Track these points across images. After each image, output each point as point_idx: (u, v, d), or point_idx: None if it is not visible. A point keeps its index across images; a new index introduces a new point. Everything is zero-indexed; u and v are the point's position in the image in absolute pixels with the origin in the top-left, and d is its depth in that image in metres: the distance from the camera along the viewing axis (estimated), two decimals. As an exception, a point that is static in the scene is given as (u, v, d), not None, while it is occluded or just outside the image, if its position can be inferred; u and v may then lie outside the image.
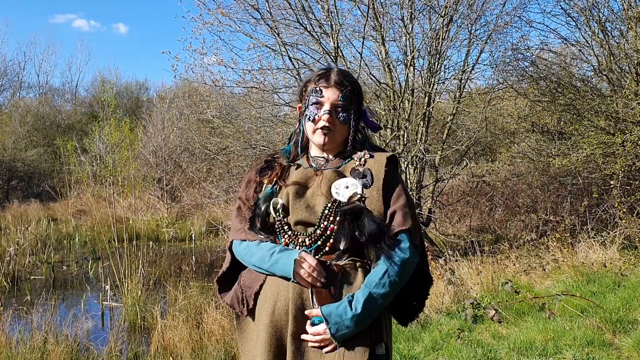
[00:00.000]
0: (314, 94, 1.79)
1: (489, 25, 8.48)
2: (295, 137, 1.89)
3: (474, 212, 10.05)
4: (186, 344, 4.66)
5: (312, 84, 1.81)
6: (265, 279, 1.75)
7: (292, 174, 1.80)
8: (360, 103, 1.85)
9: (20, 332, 4.88)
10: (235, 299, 1.80)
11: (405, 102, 7.88)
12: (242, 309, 1.78)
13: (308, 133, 1.81)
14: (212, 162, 11.97)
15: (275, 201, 1.75)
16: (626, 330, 4.33)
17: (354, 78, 1.87)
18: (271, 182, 1.81)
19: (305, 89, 1.85)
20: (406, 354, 4.07)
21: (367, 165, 1.76)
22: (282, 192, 1.77)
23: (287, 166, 1.83)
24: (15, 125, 21.98)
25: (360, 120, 1.85)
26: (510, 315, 4.83)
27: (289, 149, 1.88)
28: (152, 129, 16.72)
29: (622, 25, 8.18)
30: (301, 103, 1.86)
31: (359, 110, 1.83)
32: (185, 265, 8.42)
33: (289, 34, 7.82)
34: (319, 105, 1.78)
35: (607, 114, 7.80)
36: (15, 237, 10.46)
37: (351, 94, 1.79)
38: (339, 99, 1.77)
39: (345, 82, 1.80)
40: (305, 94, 1.83)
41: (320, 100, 1.78)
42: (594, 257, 6.52)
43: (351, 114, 1.79)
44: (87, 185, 17.66)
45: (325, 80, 1.79)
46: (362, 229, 1.64)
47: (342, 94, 1.77)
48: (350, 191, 1.71)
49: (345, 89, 1.78)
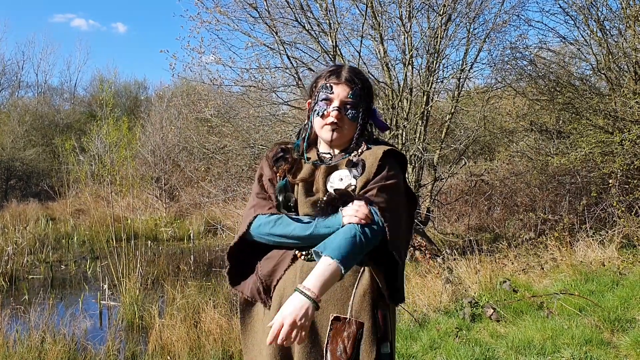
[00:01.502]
0: (324, 90, 1.78)
1: (488, 24, 8.50)
2: (304, 132, 1.89)
3: (473, 211, 10.05)
4: (184, 343, 4.65)
5: (323, 80, 1.81)
6: (286, 270, 1.72)
7: (301, 168, 1.80)
8: (371, 101, 1.84)
9: (18, 332, 4.86)
10: (256, 290, 1.77)
11: (404, 101, 7.87)
12: (265, 298, 1.75)
13: (316, 128, 1.82)
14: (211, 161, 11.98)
15: (289, 196, 1.76)
16: (624, 328, 4.33)
17: (365, 76, 1.86)
18: (282, 175, 1.81)
19: (315, 85, 1.84)
20: (404, 352, 4.07)
21: (363, 156, 1.75)
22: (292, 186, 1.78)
23: (297, 160, 1.83)
24: (14, 125, 21.95)
25: (369, 119, 1.84)
26: (509, 314, 4.83)
27: (299, 144, 1.88)
28: (150, 128, 16.71)
29: (620, 24, 8.18)
30: (311, 98, 1.85)
31: (369, 108, 1.83)
32: (183, 265, 8.40)
33: (287, 32, 7.82)
34: (329, 102, 1.77)
35: (606, 112, 7.80)
36: (14, 237, 10.44)
37: (361, 92, 1.79)
38: (348, 96, 1.77)
39: (356, 79, 1.79)
40: (316, 89, 1.82)
41: (330, 97, 1.77)
42: (592, 256, 6.52)
43: (360, 112, 1.79)
44: (85, 184, 17.64)
45: (336, 77, 1.79)
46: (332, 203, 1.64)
47: (352, 91, 1.77)
48: (344, 183, 1.72)
49: (356, 86, 1.78)
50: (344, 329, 1.62)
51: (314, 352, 1.64)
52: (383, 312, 1.70)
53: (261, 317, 1.77)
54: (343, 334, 1.61)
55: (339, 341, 1.61)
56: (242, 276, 1.84)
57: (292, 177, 1.78)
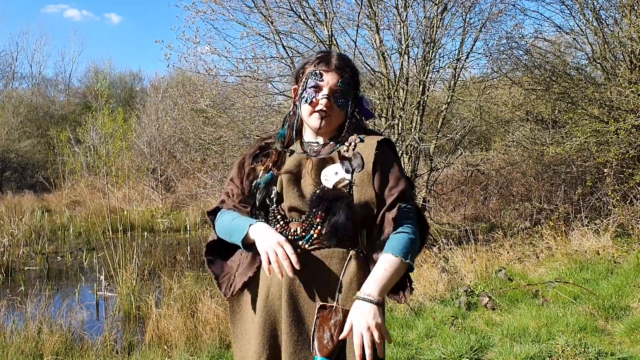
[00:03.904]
0: (313, 77, 1.76)
1: (484, 13, 8.48)
2: (290, 119, 1.87)
3: (469, 201, 10.08)
4: (181, 333, 4.66)
5: (312, 66, 1.78)
6: (258, 268, 1.74)
7: (286, 160, 1.78)
8: (357, 89, 1.83)
9: (14, 322, 4.87)
10: (226, 281, 1.80)
11: (400, 91, 7.86)
12: (227, 292, 1.79)
13: (304, 116, 1.78)
14: (207, 152, 11.95)
15: (271, 190, 1.74)
16: (618, 316, 4.37)
17: (353, 64, 1.84)
18: (267, 169, 1.78)
19: (303, 71, 1.81)
20: (400, 341, 4.09)
21: (357, 149, 1.73)
22: (277, 179, 1.75)
23: (282, 152, 1.81)
24: (9, 116, 21.84)
25: (357, 107, 1.83)
26: (504, 302, 4.86)
27: (284, 133, 1.86)
28: (146, 119, 16.65)
29: (616, 13, 8.17)
30: (298, 85, 1.83)
31: (356, 96, 1.82)
32: (180, 255, 8.41)
33: (282, 22, 7.79)
34: (318, 89, 1.75)
35: (601, 102, 7.81)
36: (9, 228, 10.41)
37: (350, 80, 1.77)
38: (338, 84, 1.75)
39: (346, 67, 1.78)
40: (303, 76, 1.80)
41: (320, 84, 1.75)
42: (587, 245, 6.56)
43: (349, 100, 1.77)
44: (81, 176, 17.59)
45: (326, 64, 1.76)
46: (330, 218, 1.63)
47: (341, 79, 1.75)
48: (339, 177, 1.70)
49: (346, 74, 1.76)
50: (330, 317, 1.63)
51: (300, 340, 1.64)
52: None
53: (250, 305, 1.77)
54: (330, 322, 1.62)
55: (326, 329, 1.62)
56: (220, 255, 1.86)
57: (277, 170, 1.76)
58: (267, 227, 1.67)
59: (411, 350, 3.93)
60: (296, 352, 1.63)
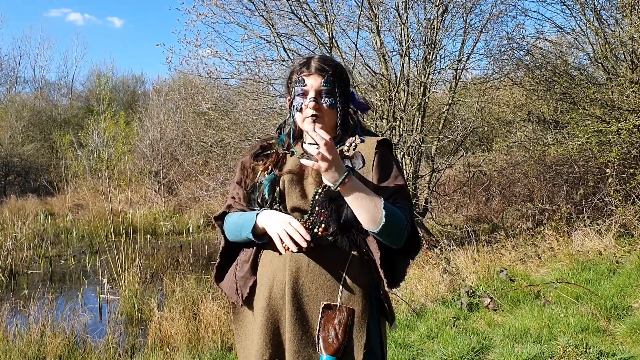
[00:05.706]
0: (297, 85, 1.79)
1: (484, 14, 8.49)
2: (287, 127, 1.90)
3: (471, 201, 10.06)
4: (183, 335, 4.67)
5: (295, 74, 1.81)
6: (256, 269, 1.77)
7: (288, 161, 1.80)
8: (347, 86, 1.84)
9: (17, 326, 4.87)
10: (232, 289, 1.82)
11: (401, 93, 7.86)
12: (238, 299, 1.80)
13: (299, 123, 1.82)
14: (209, 155, 11.96)
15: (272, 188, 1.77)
16: (620, 316, 4.36)
17: (335, 62, 1.86)
18: (266, 170, 1.81)
19: (290, 81, 1.85)
20: (401, 342, 4.09)
21: (358, 149, 1.76)
22: (279, 179, 1.78)
23: (282, 154, 1.84)
24: (12, 120, 21.93)
25: (349, 103, 1.85)
26: (506, 303, 4.85)
27: (283, 138, 1.89)
28: (148, 122, 16.68)
29: (617, 13, 8.16)
30: (289, 95, 1.86)
31: (345, 93, 1.82)
32: (182, 258, 8.42)
33: (283, 25, 7.80)
34: (304, 95, 1.78)
35: (603, 102, 7.79)
36: (13, 232, 10.46)
37: (334, 78, 1.78)
38: (322, 85, 1.77)
39: (326, 67, 1.79)
40: (291, 85, 1.83)
41: (305, 90, 1.77)
42: (589, 245, 6.54)
43: (337, 98, 1.78)
44: (83, 179, 17.63)
45: (307, 69, 1.79)
46: (340, 214, 1.66)
47: (324, 79, 1.77)
48: None
49: (327, 73, 1.77)
50: (334, 316, 1.65)
51: (304, 339, 1.66)
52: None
53: (252, 305, 1.79)
54: (334, 321, 1.64)
55: (330, 328, 1.64)
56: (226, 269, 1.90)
57: (278, 171, 1.79)
58: (273, 212, 1.72)
59: (413, 351, 3.94)
60: (300, 351, 1.65)
